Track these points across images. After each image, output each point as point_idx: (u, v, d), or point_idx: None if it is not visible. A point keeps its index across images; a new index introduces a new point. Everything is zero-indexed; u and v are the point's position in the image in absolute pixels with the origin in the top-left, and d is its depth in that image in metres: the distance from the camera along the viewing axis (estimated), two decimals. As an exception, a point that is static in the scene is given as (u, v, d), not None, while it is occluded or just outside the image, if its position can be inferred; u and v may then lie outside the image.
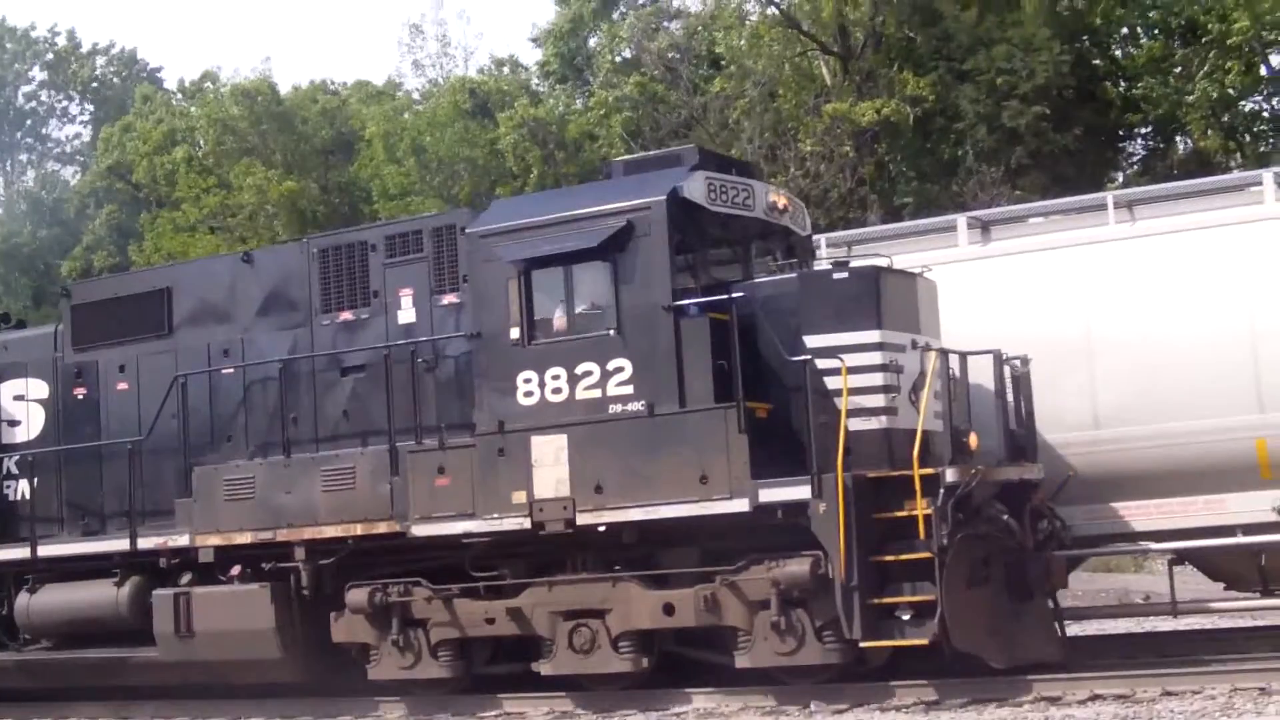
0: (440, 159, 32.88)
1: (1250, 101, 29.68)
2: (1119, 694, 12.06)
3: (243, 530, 14.84)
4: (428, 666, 14.18)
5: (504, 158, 31.84)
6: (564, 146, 32.27)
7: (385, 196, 34.46)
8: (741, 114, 30.12)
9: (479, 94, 34.26)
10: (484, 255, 13.80)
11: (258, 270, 15.55)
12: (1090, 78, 29.73)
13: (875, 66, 29.23)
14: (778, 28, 30.16)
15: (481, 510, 13.63)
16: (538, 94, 37.69)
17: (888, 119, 26.77)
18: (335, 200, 38.01)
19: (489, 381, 13.70)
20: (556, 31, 38.47)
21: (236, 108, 38.65)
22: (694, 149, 14.14)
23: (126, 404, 16.13)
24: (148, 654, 15.41)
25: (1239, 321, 13.92)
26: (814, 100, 29.59)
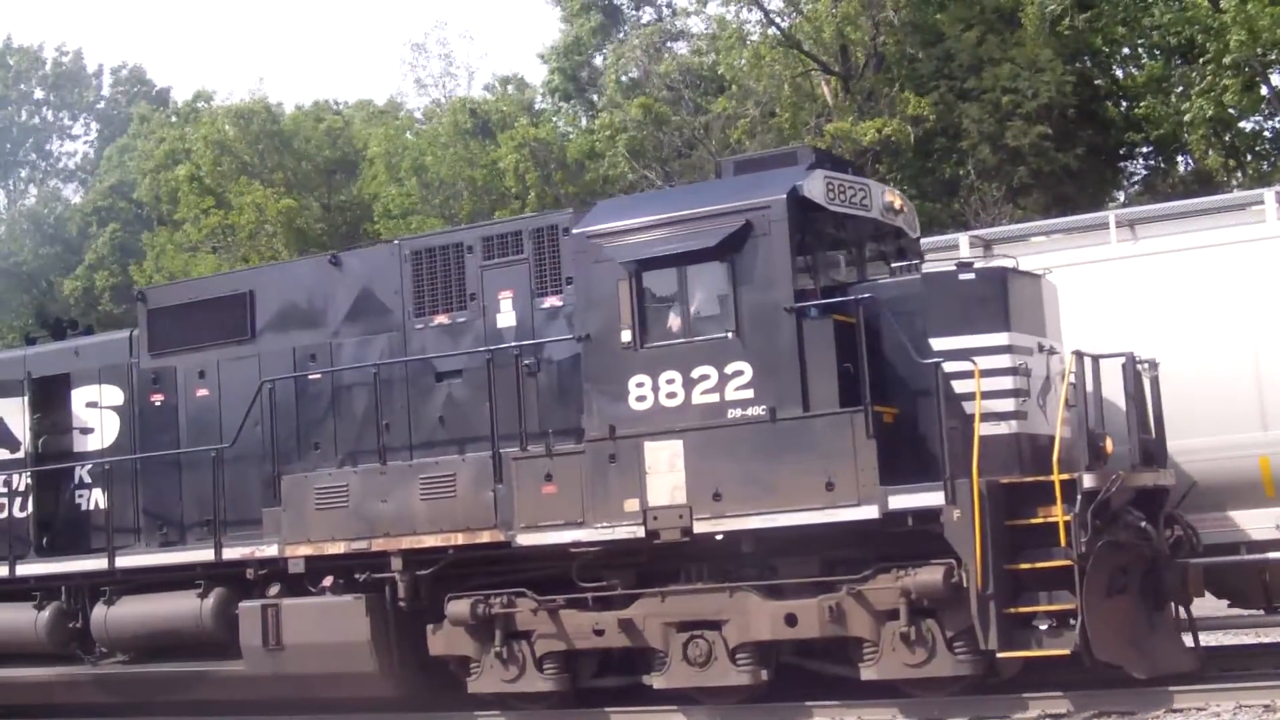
0: (441, 179, 32.81)
1: (1250, 121, 29.80)
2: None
3: (335, 540, 14.54)
4: (532, 679, 13.90)
5: (504, 177, 31.80)
6: (564, 166, 32.22)
7: (386, 216, 34.49)
8: (743, 134, 30.28)
9: (480, 114, 34.31)
10: (593, 256, 13.54)
11: (346, 273, 15.27)
12: (1092, 97, 29.95)
13: (876, 86, 29.33)
14: (779, 48, 30.15)
15: (591, 518, 13.35)
16: (539, 114, 38.00)
17: (889, 138, 26.79)
18: (337, 219, 38.05)
19: (599, 386, 13.44)
20: (560, 49, 38.65)
21: (231, 128, 38.81)
22: (809, 147, 13.94)
23: (207, 410, 15.84)
24: (233, 668, 15.11)
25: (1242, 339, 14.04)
26: (815, 120, 29.75)
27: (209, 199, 39.38)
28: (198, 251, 39.24)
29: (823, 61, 29.95)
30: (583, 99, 38.67)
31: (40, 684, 16.47)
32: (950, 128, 27.92)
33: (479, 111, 34.74)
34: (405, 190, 34.33)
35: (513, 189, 31.90)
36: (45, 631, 16.23)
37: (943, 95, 28.38)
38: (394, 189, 34.80)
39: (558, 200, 30.68)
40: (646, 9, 38.96)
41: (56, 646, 16.30)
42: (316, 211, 37.75)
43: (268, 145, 38.42)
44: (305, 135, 39.85)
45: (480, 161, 32.66)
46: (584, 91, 38.41)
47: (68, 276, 45.89)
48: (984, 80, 27.64)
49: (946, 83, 28.65)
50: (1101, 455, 12.61)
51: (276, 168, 38.12)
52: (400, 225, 33.93)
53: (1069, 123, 28.88)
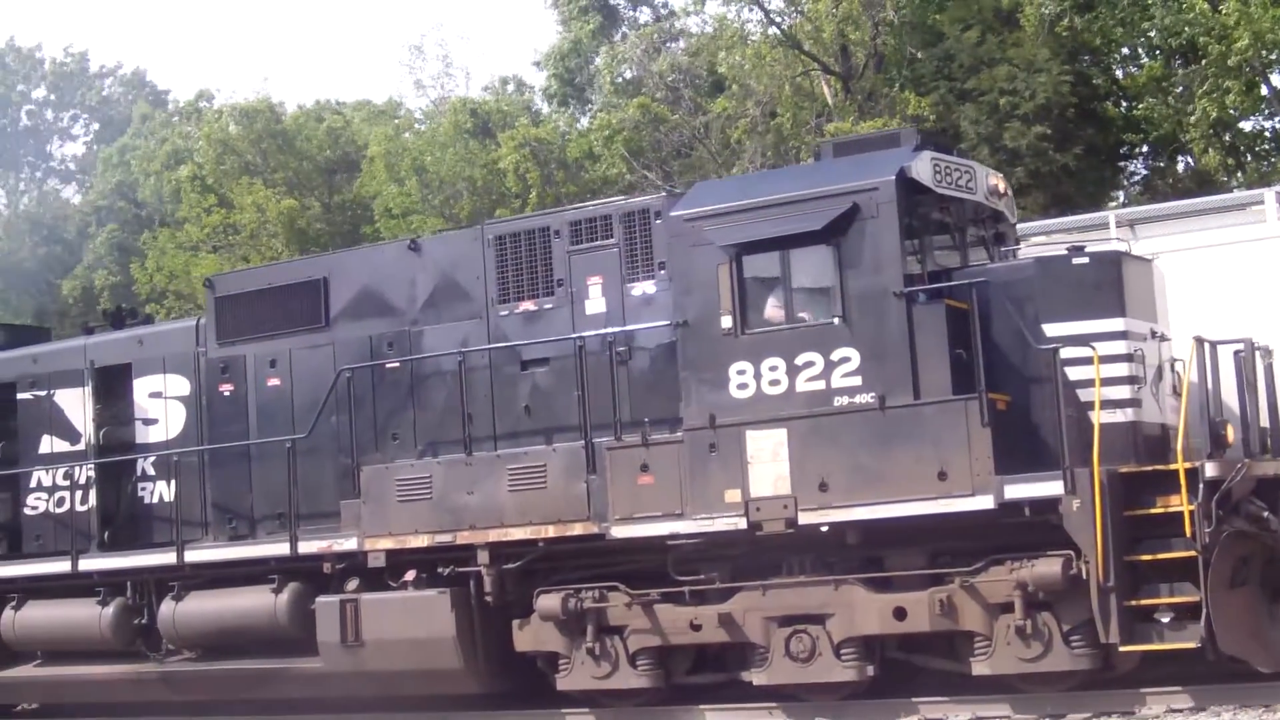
0: (441, 179, 33.01)
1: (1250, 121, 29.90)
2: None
3: (418, 533, 14.34)
4: (625, 676, 13.71)
5: (505, 177, 31.96)
6: (565, 166, 32.48)
7: (386, 215, 34.83)
8: (743, 133, 30.35)
9: (480, 114, 34.45)
10: (691, 240, 13.35)
11: (425, 259, 15.07)
12: (1091, 97, 30.05)
13: (876, 86, 29.43)
14: (779, 48, 30.23)
15: (691, 510, 13.16)
16: (539, 114, 38.28)
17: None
18: (338, 219, 38.33)
19: (698, 373, 13.25)
20: (557, 53, 38.91)
21: (235, 127, 39.19)
22: (913, 130, 13.74)
23: (278, 400, 15.63)
24: (309, 665, 14.90)
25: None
26: (815, 120, 29.84)
27: (211, 198, 39.69)
28: (198, 251, 39.38)
29: (823, 61, 30.11)
30: (581, 100, 38.90)
31: (104, 682, 16.26)
32: (950, 128, 28.04)
33: (479, 111, 34.89)
34: (405, 190, 34.53)
35: (513, 189, 32.02)
36: (109, 628, 16.01)
37: (942, 96, 28.59)
38: (394, 189, 35.05)
39: (558, 200, 30.74)
40: (644, 9, 39.33)
41: (121, 643, 16.08)
42: (317, 211, 37.93)
43: (270, 145, 38.59)
44: (307, 135, 40.07)
45: (480, 161, 32.78)
46: (582, 93, 38.62)
47: (67, 277, 45.91)
48: (982, 81, 27.81)
49: (946, 83, 28.82)
50: (1222, 444, 12.46)
51: (279, 167, 38.23)
52: (400, 225, 34.15)
53: (1068, 123, 28.97)
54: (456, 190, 33.47)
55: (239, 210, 37.56)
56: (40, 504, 16.88)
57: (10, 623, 16.68)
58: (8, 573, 16.87)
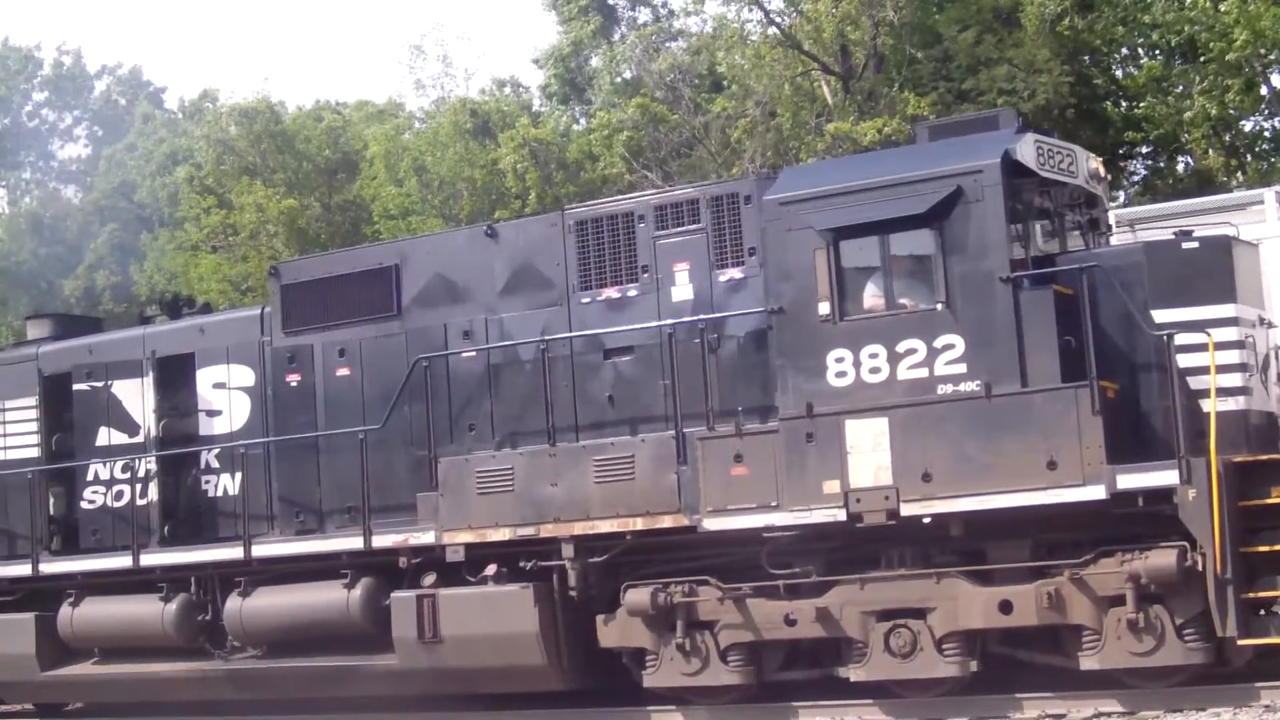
0: (441, 179, 33.39)
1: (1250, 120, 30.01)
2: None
3: (499, 526, 14.22)
4: (716, 672, 13.59)
5: (504, 177, 32.32)
6: (565, 167, 32.82)
7: (386, 216, 35.12)
8: (743, 133, 30.49)
9: (479, 114, 34.67)
10: (786, 224, 13.24)
11: (503, 244, 14.94)
12: (1091, 97, 30.12)
13: (876, 86, 29.62)
14: (779, 48, 30.51)
15: (787, 501, 13.05)
16: (539, 114, 38.51)
17: (889, 138, 26.96)
18: (338, 219, 38.55)
19: (794, 361, 13.14)
20: (557, 53, 39.11)
21: (235, 127, 39.42)
22: (1011, 111, 13.63)
23: (348, 391, 15.49)
24: (383, 662, 14.77)
25: None
26: (815, 120, 29.96)
27: (210, 198, 40.01)
28: (198, 251, 39.71)
29: (822, 61, 30.32)
30: (580, 100, 39.14)
31: (166, 680, 16.11)
32: None
33: (479, 111, 35.12)
34: (405, 190, 34.79)
35: (513, 189, 32.27)
36: (172, 624, 15.87)
37: (942, 95, 28.70)
38: (393, 189, 35.42)
39: (558, 201, 30.89)
40: (642, 9, 39.58)
41: (184, 640, 15.95)
42: (317, 211, 38.14)
43: (270, 145, 38.86)
44: (306, 135, 40.38)
45: (480, 161, 33.02)
46: (582, 93, 38.83)
47: (68, 277, 46.22)
48: (981, 81, 27.96)
49: (946, 83, 28.95)
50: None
51: (279, 168, 38.52)
52: (400, 225, 34.49)
53: (1068, 123, 29.02)
54: (457, 190, 33.56)
55: (239, 211, 37.95)
56: (98, 498, 16.72)
57: (68, 619, 16.53)
58: (65, 568, 16.72)
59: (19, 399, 17.44)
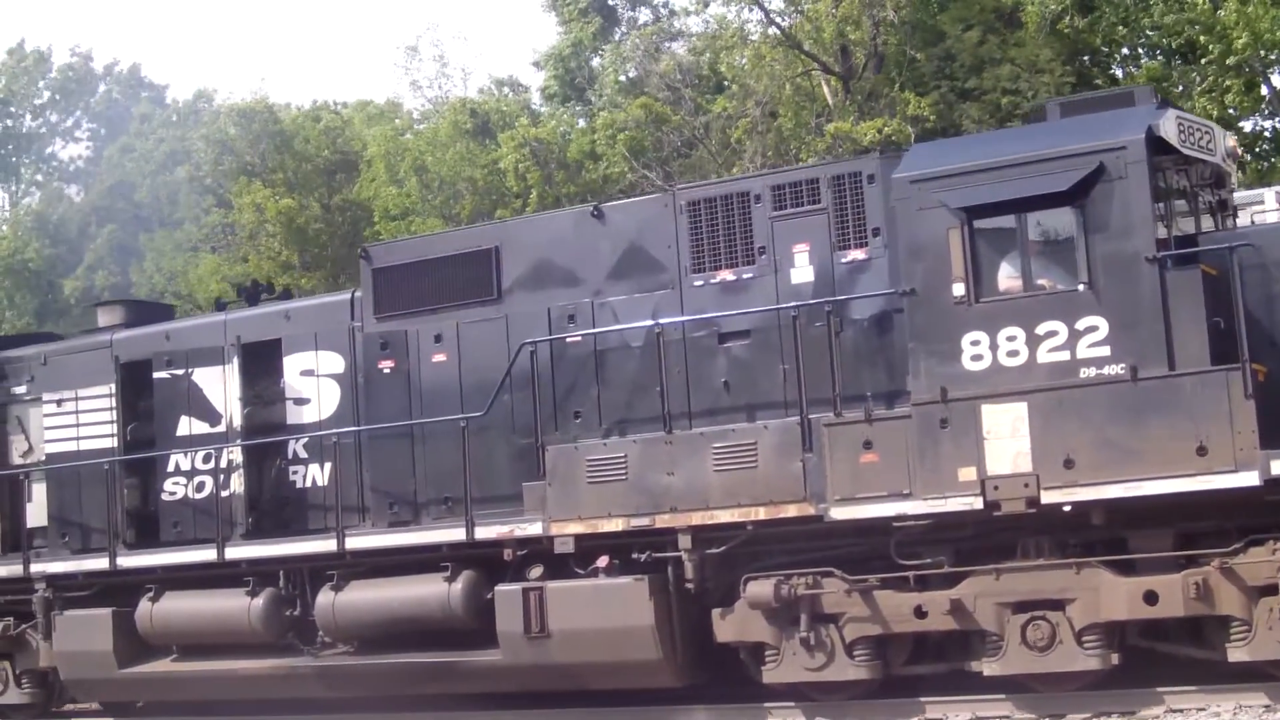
0: (442, 179, 33.57)
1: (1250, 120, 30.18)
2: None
3: (612, 516, 14.08)
4: (842, 667, 13.47)
5: (505, 177, 32.46)
6: (565, 166, 33.04)
7: (386, 216, 35.38)
8: (743, 133, 30.72)
9: (479, 114, 34.77)
10: (918, 203, 13.12)
11: (610, 226, 14.83)
12: None
13: (877, 86, 29.76)
14: (779, 48, 30.71)
15: (920, 489, 12.92)
16: (538, 114, 38.95)
17: (889, 138, 27.11)
18: (337, 219, 39.08)
19: (927, 344, 13.01)
20: (557, 54, 39.48)
21: (234, 128, 39.98)
22: (1146, 87, 13.53)
23: (444, 377, 15.37)
24: (487, 658, 14.63)
25: None
26: (816, 120, 30.20)
27: (209, 198, 40.39)
28: (198, 251, 40.19)
29: (823, 61, 30.44)
30: (581, 100, 39.49)
31: (251, 677, 15.94)
32: (950, 128, 28.24)
33: (479, 111, 35.24)
34: (405, 191, 34.89)
35: (513, 189, 32.31)
36: (260, 620, 15.72)
37: (943, 95, 28.87)
38: (393, 189, 35.67)
39: (558, 201, 30.99)
40: (643, 9, 39.92)
41: (271, 636, 15.80)
42: (316, 211, 38.62)
43: (269, 145, 39.38)
44: (305, 136, 40.90)
45: (480, 161, 33.09)
46: (582, 93, 39.18)
47: (68, 277, 46.58)
48: (984, 81, 28.11)
49: (947, 83, 29.13)
50: None
51: (277, 168, 38.96)
52: (400, 226, 34.76)
53: None
54: (457, 190, 33.61)
55: (238, 211, 38.43)
56: (178, 489, 16.57)
57: (147, 615, 16.38)
58: (145, 562, 16.57)
59: (92, 387, 17.28)
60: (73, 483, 17.29)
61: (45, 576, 17.14)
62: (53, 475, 17.46)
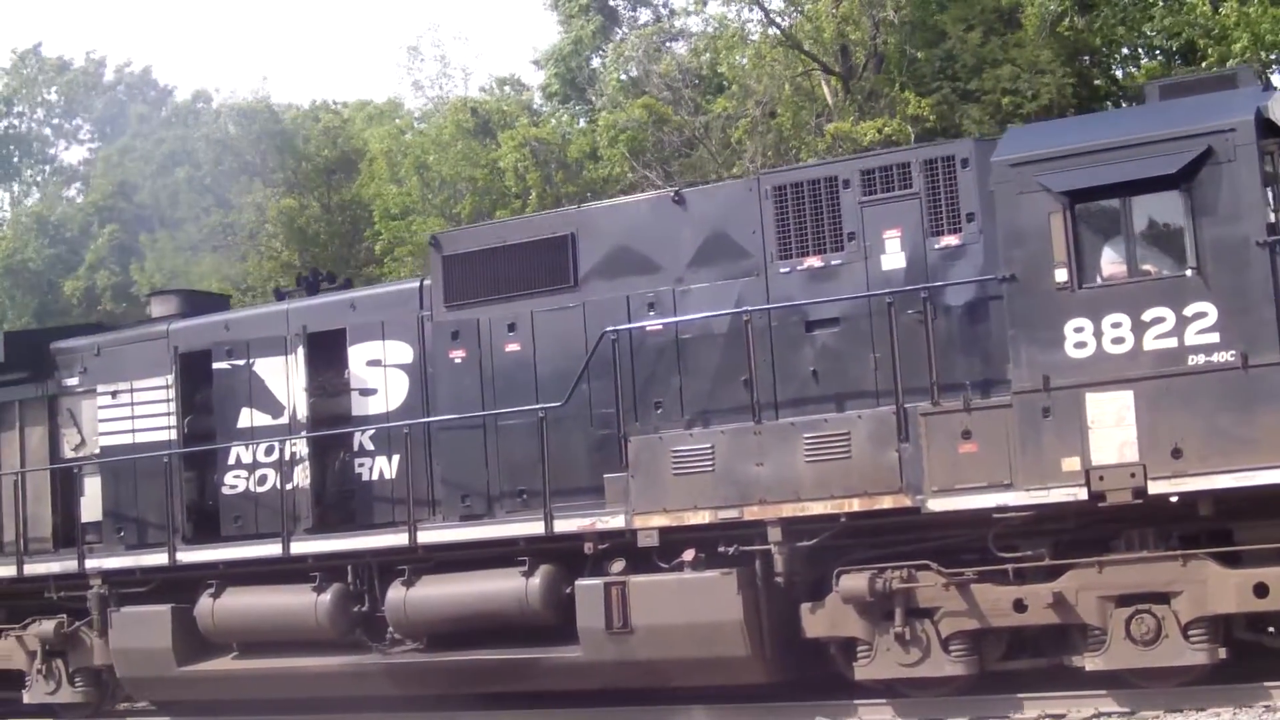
0: (443, 178, 33.90)
1: None
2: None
3: (698, 509, 14.00)
4: (938, 663, 13.41)
5: (505, 177, 32.91)
6: (565, 166, 33.32)
7: (387, 216, 35.56)
8: (743, 133, 30.93)
9: (480, 113, 35.05)
10: (1018, 186, 13.05)
11: (692, 212, 14.76)
12: (1092, 97, 30.34)
13: (877, 86, 30.03)
14: (779, 48, 30.96)
15: (1021, 480, 12.86)
16: (539, 114, 39.30)
17: (889, 138, 27.25)
18: (337, 219, 39.36)
19: (1028, 331, 12.95)
20: (557, 53, 39.78)
21: (234, 128, 40.42)
22: (1249, 67, 13.49)
23: (518, 367, 15.29)
24: (567, 654, 14.55)
25: None
26: (816, 120, 30.39)
27: (210, 197, 40.82)
28: (198, 251, 40.33)
29: (823, 61, 30.66)
30: (581, 99, 39.70)
31: (316, 675, 15.85)
32: (951, 128, 28.37)
33: (480, 110, 35.40)
34: (405, 190, 35.18)
35: (513, 188, 32.55)
36: (327, 616, 15.63)
37: (944, 96, 29.01)
38: (394, 188, 35.93)
39: (559, 201, 31.31)
40: (643, 10, 40.24)
41: (338, 633, 15.72)
42: (316, 211, 38.80)
43: (269, 145, 39.66)
44: (305, 135, 41.19)
45: (481, 161, 33.26)
46: (583, 93, 39.39)
47: (69, 277, 46.93)
48: (984, 81, 28.27)
49: (948, 84, 29.31)
50: None
51: (278, 168, 39.21)
52: (401, 225, 34.98)
53: None
54: (458, 190, 33.79)
55: (238, 211, 38.82)
56: (240, 482, 16.48)
57: (209, 611, 16.29)
58: (207, 557, 16.47)
59: (149, 379, 17.18)
60: (128, 476, 17.18)
61: (101, 572, 17.04)
62: (108, 469, 17.34)
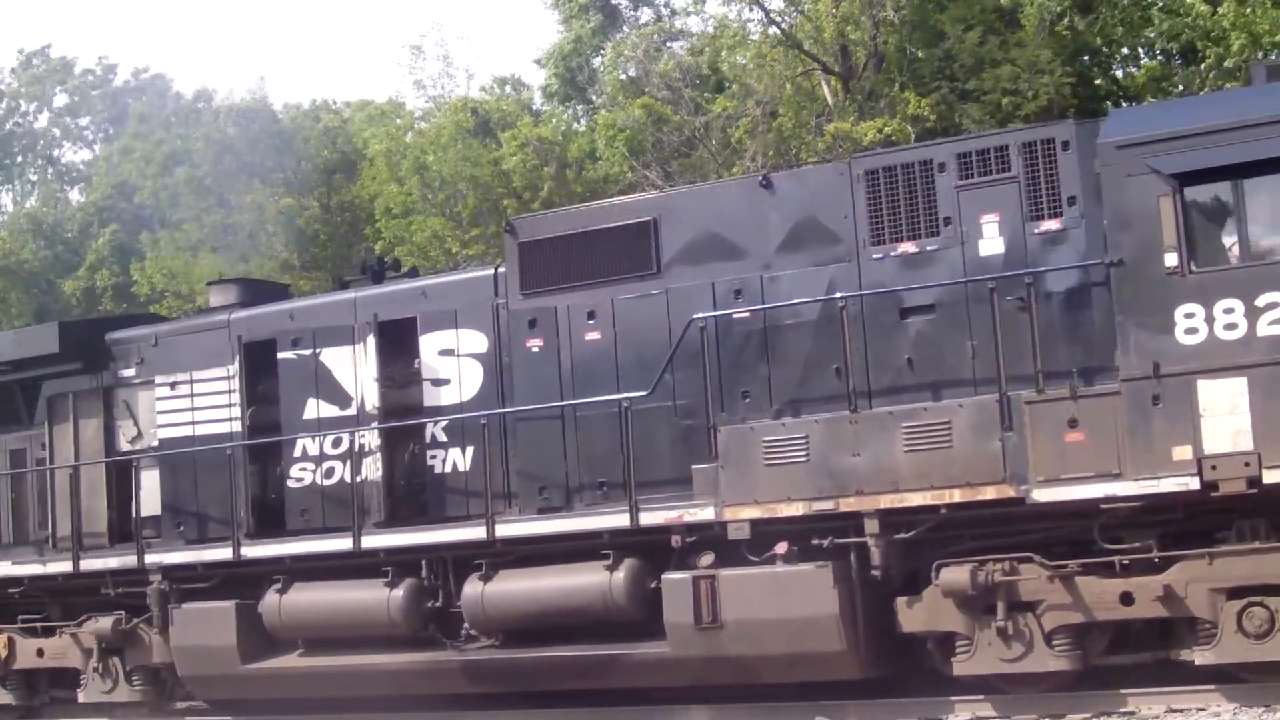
0: (443, 178, 34.11)
1: None
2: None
3: (791, 500, 13.91)
4: (1041, 658, 13.34)
5: (511, 177, 33.20)
6: (568, 165, 33.56)
7: (387, 215, 35.79)
8: (744, 133, 31.09)
9: (481, 113, 35.46)
10: (1125, 169, 12.99)
11: (780, 197, 14.68)
12: (1092, 97, 30.50)
13: (877, 86, 30.26)
14: (780, 47, 31.19)
15: (1130, 470, 12.79)
16: (540, 114, 39.54)
17: (889, 138, 27.37)
18: (337, 219, 39.62)
19: (1136, 317, 12.89)
20: (558, 52, 39.95)
21: (233, 128, 40.64)
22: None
23: (598, 356, 15.21)
24: (653, 650, 14.46)
25: None
26: (816, 120, 30.51)
27: (211, 197, 40.99)
28: (198, 251, 40.59)
29: (822, 61, 30.86)
30: (582, 99, 39.89)
31: (388, 672, 15.75)
32: (951, 128, 28.51)
33: (480, 110, 35.55)
34: (406, 190, 35.44)
35: (519, 187, 32.81)
36: (400, 612, 15.53)
37: (944, 96, 29.11)
38: (394, 188, 36.12)
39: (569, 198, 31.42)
40: (644, 9, 40.25)
41: (411, 630, 15.62)
42: (316, 211, 39.07)
43: (268, 145, 39.87)
44: (304, 135, 41.41)
45: (482, 160, 33.40)
46: (583, 92, 39.58)
47: (69, 277, 47.24)
48: (984, 81, 28.40)
49: (948, 83, 29.42)
50: None
51: (277, 168, 39.47)
52: (401, 225, 35.15)
53: None
54: (458, 190, 34.02)
55: (237, 210, 39.03)
56: (306, 475, 16.37)
57: (275, 608, 16.18)
58: (273, 552, 16.36)
59: (210, 369, 17.08)
60: (188, 469, 17.08)
61: (161, 567, 16.93)
62: (166, 462, 17.22)
